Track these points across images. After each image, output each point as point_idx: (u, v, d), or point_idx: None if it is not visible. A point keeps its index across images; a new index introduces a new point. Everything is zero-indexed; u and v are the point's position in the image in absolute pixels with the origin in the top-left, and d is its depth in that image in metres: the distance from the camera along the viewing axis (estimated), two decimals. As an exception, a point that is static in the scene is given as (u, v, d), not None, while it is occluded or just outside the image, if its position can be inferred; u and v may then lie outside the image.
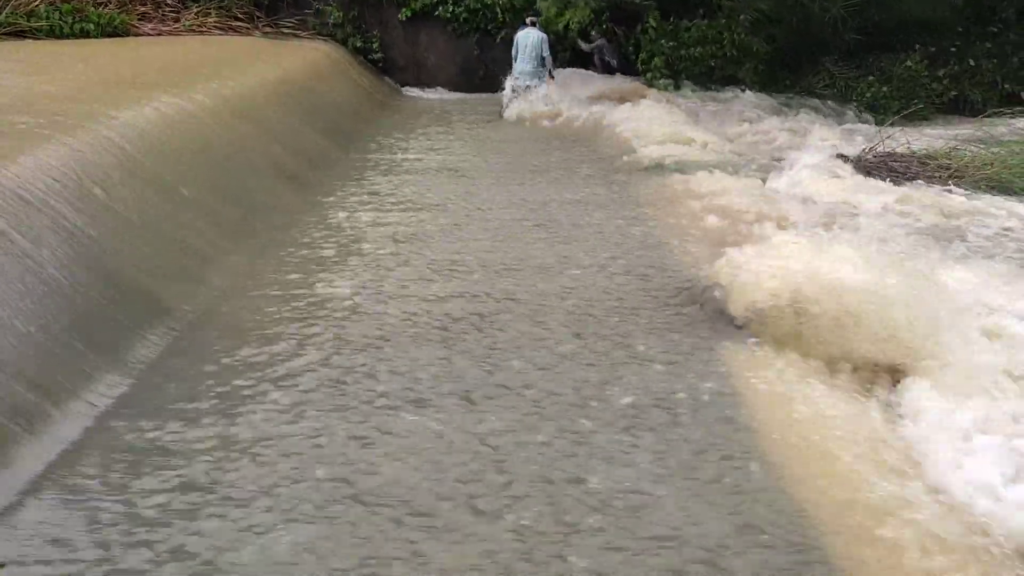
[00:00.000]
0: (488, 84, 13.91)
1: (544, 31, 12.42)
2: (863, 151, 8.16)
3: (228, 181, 6.35)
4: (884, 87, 11.95)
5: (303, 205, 6.80)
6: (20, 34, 12.22)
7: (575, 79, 12.93)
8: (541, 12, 12.97)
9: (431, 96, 14.28)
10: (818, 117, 11.15)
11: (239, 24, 13.95)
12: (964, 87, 12.20)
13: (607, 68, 13.61)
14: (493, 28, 14.21)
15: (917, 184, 7.29)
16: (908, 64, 12.14)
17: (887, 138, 8.29)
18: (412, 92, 14.42)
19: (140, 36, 13.08)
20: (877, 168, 7.74)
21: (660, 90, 12.38)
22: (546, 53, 12.15)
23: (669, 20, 12.95)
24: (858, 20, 11.98)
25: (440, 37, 14.50)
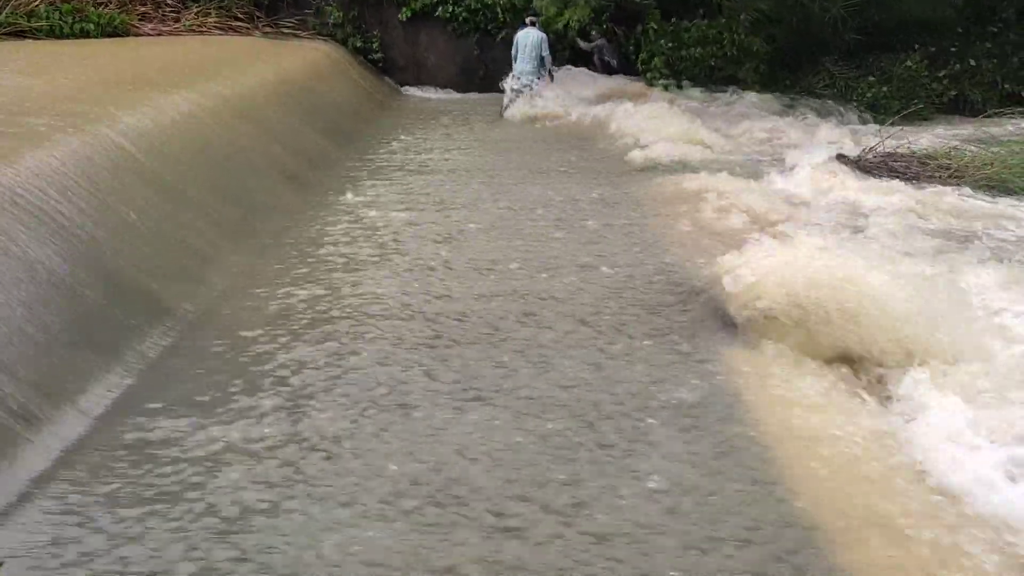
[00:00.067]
0: (488, 84, 13.89)
1: (544, 31, 12.42)
2: (863, 151, 8.15)
3: (228, 181, 6.36)
4: (884, 87, 11.94)
5: (303, 205, 6.80)
6: (20, 34, 12.21)
7: (575, 79, 12.92)
8: (540, 12, 12.96)
9: (431, 96, 14.26)
10: (818, 117, 11.14)
11: (239, 24, 13.94)
12: (964, 87, 12.19)
13: (607, 68, 13.60)
14: (493, 28, 14.19)
15: (917, 184, 7.29)
16: (908, 64, 12.12)
17: (887, 138, 8.28)
18: (412, 92, 14.40)
19: (140, 36, 13.06)
20: (877, 168, 7.74)
21: (660, 90, 12.37)
22: (546, 53, 12.14)
23: (670, 21, 12.94)
24: (858, 20, 11.96)
25: (440, 37, 14.49)
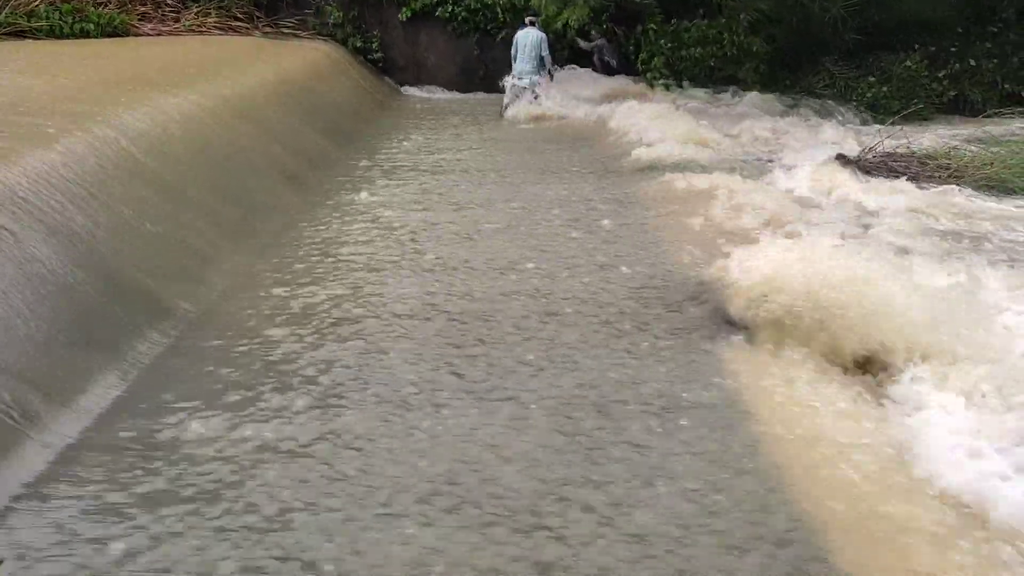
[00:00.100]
0: (488, 84, 13.90)
1: (544, 30, 12.43)
2: (863, 151, 8.16)
3: (228, 181, 6.36)
4: (884, 87, 11.95)
5: (303, 205, 6.80)
6: (20, 34, 12.21)
7: (574, 79, 12.93)
8: (540, 11, 12.96)
9: (431, 96, 14.27)
10: (818, 117, 11.15)
11: (239, 24, 13.95)
12: (964, 87, 12.19)
13: (607, 68, 13.59)
14: (493, 28, 14.20)
15: (917, 184, 7.29)
16: (908, 64, 12.12)
17: (887, 138, 8.29)
18: (411, 92, 14.41)
19: (140, 36, 13.07)
20: (877, 168, 7.74)
21: (660, 90, 12.37)
22: (545, 53, 12.15)
23: (670, 22, 12.93)
24: (858, 20, 11.97)
25: (440, 37, 14.50)
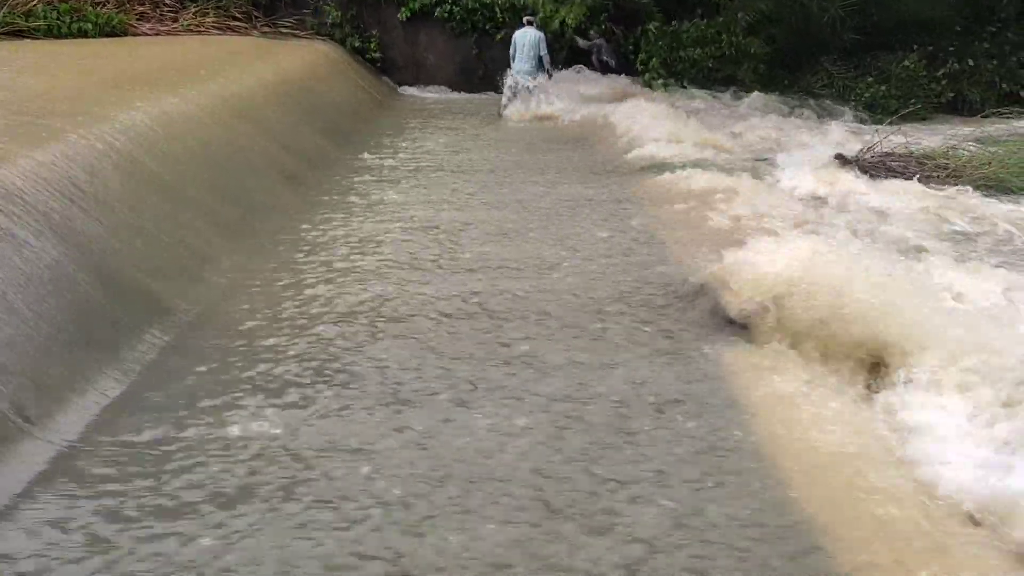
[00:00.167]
0: (487, 84, 13.91)
1: (542, 30, 12.43)
2: (861, 151, 8.16)
3: (227, 181, 6.36)
4: (882, 87, 11.96)
5: (302, 205, 6.80)
6: (18, 34, 12.23)
7: (573, 79, 12.92)
8: (537, 10, 12.96)
9: (429, 96, 14.26)
10: (817, 117, 11.15)
11: (237, 24, 13.95)
12: (962, 87, 12.20)
13: (605, 68, 13.59)
14: (492, 28, 14.21)
15: (915, 184, 7.29)
16: (906, 64, 12.13)
17: (885, 138, 8.29)
18: (410, 92, 14.40)
19: (138, 36, 13.08)
20: (875, 168, 7.74)
21: (659, 90, 12.37)
22: (543, 52, 12.16)
23: (670, 23, 12.92)
24: (857, 20, 11.98)
25: (439, 37, 14.50)
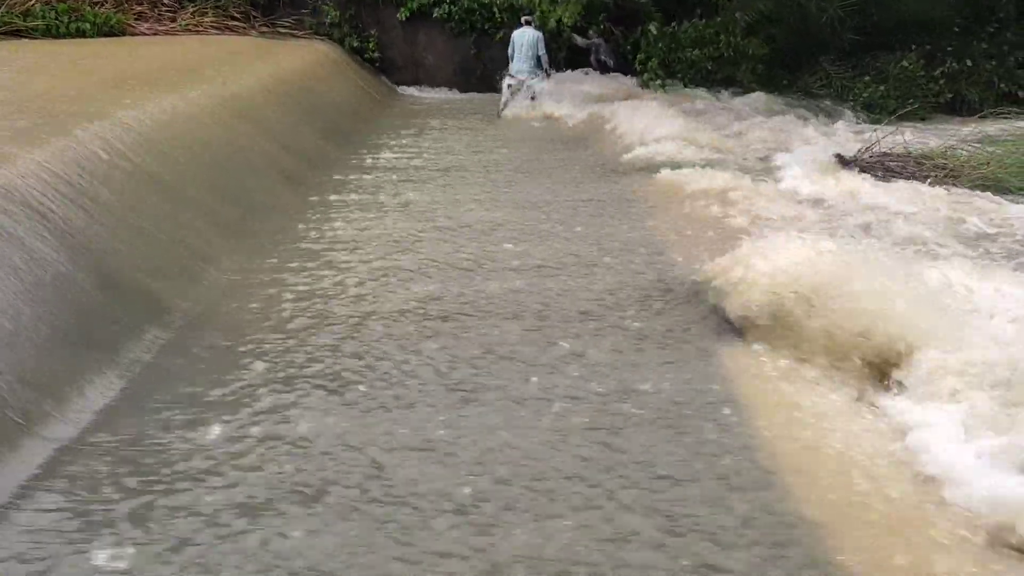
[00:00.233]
0: (486, 83, 13.91)
1: (541, 30, 12.44)
2: (860, 151, 8.17)
3: (227, 181, 6.36)
4: (881, 87, 11.96)
5: (302, 205, 6.80)
6: (16, 33, 12.22)
7: (572, 79, 12.92)
8: (534, 8, 12.95)
9: (428, 96, 14.26)
10: (815, 118, 11.15)
11: (235, 24, 13.95)
12: (961, 87, 12.21)
13: (603, 68, 13.60)
14: (491, 27, 14.21)
15: (914, 184, 7.30)
16: (904, 64, 12.14)
17: (883, 138, 8.30)
18: (409, 92, 14.40)
19: (136, 36, 13.07)
20: (874, 168, 7.75)
21: (657, 91, 12.38)
22: (542, 51, 12.16)
23: (670, 24, 12.92)
24: (856, 20, 11.98)
25: (438, 37, 14.49)
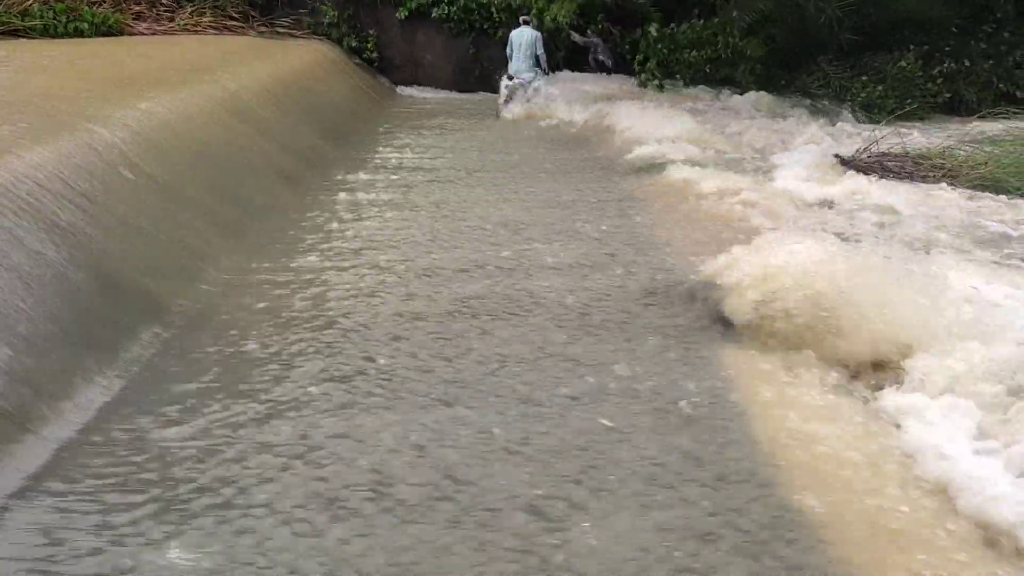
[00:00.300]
0: (484, 83, 13.94)
1: (539, 29, 12.45)
2: (858, 151, 8.19)
3: (226, 181, 6.36)
4: (879, 87, 11.99)
5: (301, 205, 6.80)
6: (13, 33, 12.21)
7: (571, 79, 12.95)
8: (531, 6, 12.97)
9: (427, 95, 14.27)
10: (813, 118, 11.18)
11: (234, 24, 13.96)
12: (959, 87, 12.24)
13: (602, 68, 13.61)
14: (489, 27, 14.22)
15: (913, 183, 7.32)
16: (902, 64, 12.16)
17: (882, 138, 8.32)
18: (408, 92, 14.41)
19: (134, 35, 13.07)
20: (872, 168, 7.77)
21: (656, 91, 12.39)
22: (540, 51, 12.18)
23: (669, 26, 12.93)
24: (854, 20, 12.01)
25: (437, 37, 14.51)
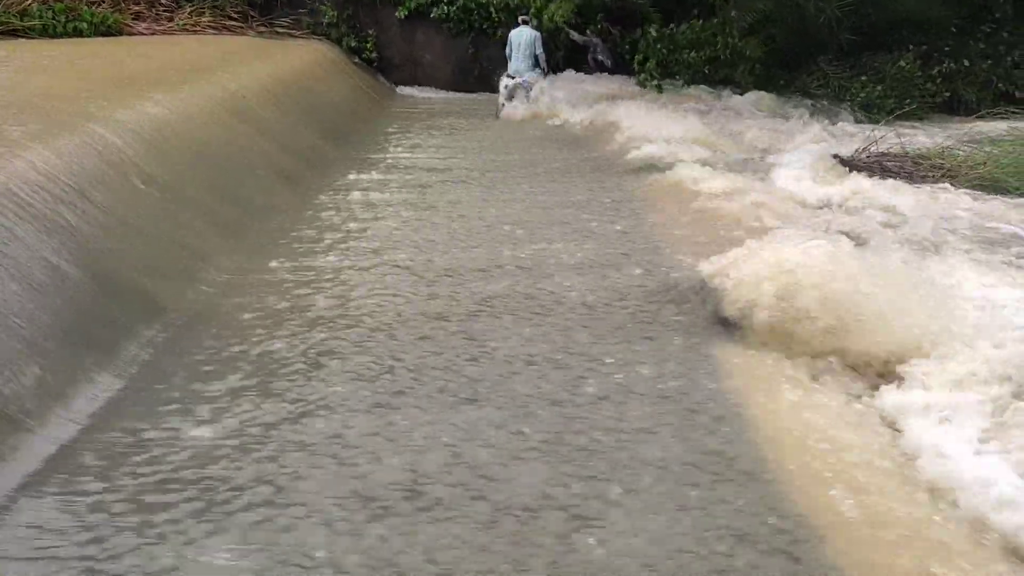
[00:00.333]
0: (484, 83, 13.94)
1: (538, 29, 12.46)
2: (857, 151, 8.19)
3: (226, 181, 6.36)
4: (878, 87, 12.00)
5: (300, 205, 6.80)
6: (12, 33, 12.20)
7: (570, 79, 12.95)
8: (529, 6, 12.97)
9: (427, 95, 14.27)
10: (813, 118, 11.17)
11: (233, 24, 13.95)
12: (958, 87, 12.24)
13: (601, 67, 13.61)
14: (488, 27, 14.22)
15: (912, 183, 7.32)
16: (901, 64, 12.16)
17: (881, 138, 8.32)
18: (407, 91, 14.41)
19: (133, 35, 13.06)
20: (871, 168, 7.77)
21: (655, 91, 12.39)
22: (539, 51, 12.18)
23: (668, 26, 12.93)
24: (853, 20, 12.01)
25: (436, 37, 14.51)
